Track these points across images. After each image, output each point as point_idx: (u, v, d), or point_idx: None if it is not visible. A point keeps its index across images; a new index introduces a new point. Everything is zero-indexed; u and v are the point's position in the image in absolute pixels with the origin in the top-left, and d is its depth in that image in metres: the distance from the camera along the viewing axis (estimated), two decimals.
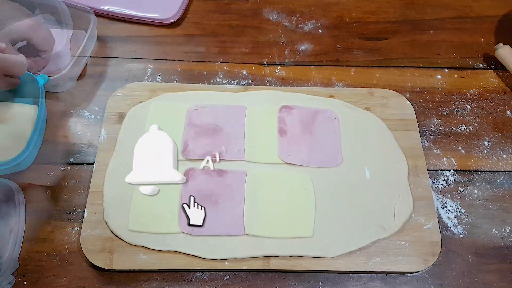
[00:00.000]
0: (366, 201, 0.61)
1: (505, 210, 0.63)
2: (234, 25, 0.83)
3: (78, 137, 0.68)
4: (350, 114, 0.69)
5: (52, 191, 0.63)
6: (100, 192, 0.61)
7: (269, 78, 0.76)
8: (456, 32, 0.83)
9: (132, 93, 0.71)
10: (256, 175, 0.63)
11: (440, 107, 0.73)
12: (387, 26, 0.84)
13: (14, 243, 0.57)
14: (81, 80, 0.75)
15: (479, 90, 0.75)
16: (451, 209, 0.63)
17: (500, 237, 0.61)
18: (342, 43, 0.81)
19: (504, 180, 0.66)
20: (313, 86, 0.75)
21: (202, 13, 0.85)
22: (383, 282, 0.57)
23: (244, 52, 0.79)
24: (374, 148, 0.65)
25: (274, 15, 0.85)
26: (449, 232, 0.61)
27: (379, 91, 0.73)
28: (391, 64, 0.78)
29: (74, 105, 0.71)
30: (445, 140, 0.69)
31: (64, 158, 0.66)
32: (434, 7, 0.87)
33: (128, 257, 0.57)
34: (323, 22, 0.84)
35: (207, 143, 0.65)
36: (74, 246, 0.59)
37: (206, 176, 0.63)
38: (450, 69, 0.78)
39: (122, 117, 0.68)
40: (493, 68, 0.78)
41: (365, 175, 0.63)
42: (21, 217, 0.59)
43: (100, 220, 0.59)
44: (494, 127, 0.71)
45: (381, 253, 0.58)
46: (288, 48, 0.80)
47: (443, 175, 0.66)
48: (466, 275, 0.58)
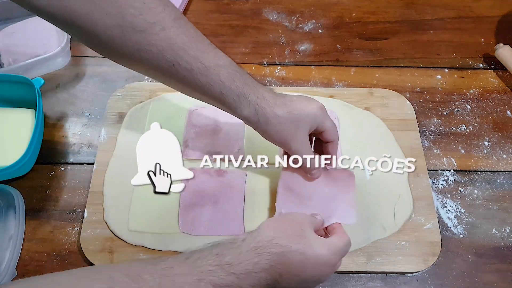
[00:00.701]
0: (366, 201, 0.61)
1: (505, 210, 0.63)
2: (234, 25, 0.83)
3: (78, 137, 0.68)
4: (350, 114, 0.69)
5: (52, 191, 0.63)
6: (100, 192, 0.61)
7: (269, 78, 0.76)
8: (456, 32, 0.83)
9: (132, 93, 0.71)
10: (256, 175, 0.63)
11: (440, 107, 0.73)
12: (387, 26, 0.84)
13: (12, 251, 0.56)
14: (81, 80, 0.75)
15: (479, 90, 0.75)
16: (451, 209, 0.63)
17: (500, 237, 0.61)
18: (342, 43, 0.81)
19: (504, 180, 0.66)
20: (313, 86, 0.75)
21: (202, 13, 0.85)
22: (383, 282, 0.57)
23: (244, 52, 0.79)
24: (374, 148, 0.65)
25: (274, 15, 0.85)
26: (449, 232, 0.61)
27: (379, 91, 0.73)
28: (391, 64, 0.78)
29: (74, 105, 0.71)
30: (445, 140, 0.69)
31: (64, 158, 0.66)
32: (434, 7, 0.87)
33: (128, 257, 0.57)
34: (323, 22, 0.84)
35: (207, 143, 0.66)
36: (74, 246, 0.59)
37: (206, 176, 0.63)
38: (450, 69, 0.78)
39: (122, 117, 0.68)
40: (493, 68, 0.78)
41: (365, 175, 0.63)
42: (20, 224, 0.59)
43: (100, 220, 0.59)
44: (494, 127, 0.71)
45: (381, 253, 0.58)
46: (288, 48, 0.80)
47: (443, 175, 0.66)
48: (466, 275, 0.58)
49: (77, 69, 0.76)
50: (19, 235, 0.58)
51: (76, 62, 0.77)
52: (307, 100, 0.53)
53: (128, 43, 0.46)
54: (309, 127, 0.52)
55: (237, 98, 0.49)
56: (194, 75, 0.48)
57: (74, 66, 0.76)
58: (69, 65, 0.76)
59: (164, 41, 0.46)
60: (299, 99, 0.52)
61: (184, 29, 0.47)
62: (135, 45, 0.46)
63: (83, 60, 0.77)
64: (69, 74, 0.75)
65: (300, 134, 0.52)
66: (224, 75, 0.48)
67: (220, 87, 0.49)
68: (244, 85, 0.49)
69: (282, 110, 0.50)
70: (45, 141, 0.67)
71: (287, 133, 0.51)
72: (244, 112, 0.50)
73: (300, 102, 0.51)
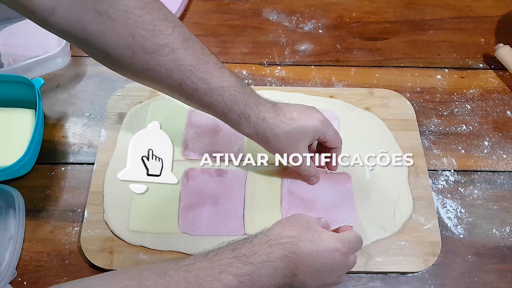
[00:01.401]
0: (366, 201, 0.61)
1: (505, 210, 0.63)
2: (234, 25, 0.83)
3: (78, 137, 0.68)
4: (350, 114, 0.69)
5: (52, 191, 0.63)
6: (100, 192, 0.61)
7: (269, 78, 0.76)
8: (456, 32, 0.83)
9: (132, 93, 0.71)
10: (256, 175, 0.63)
11: (440, 107, 0.73)
12: (387, 26, 0.84)
13: (12, 251, 0.56)
14: (81, 80, 0.75)
15: (479, 90, 0.75)
16: (451, 209, 0.63)
17: (500, 237, 0.61)
18: (342, 43, 0.81)
19: (504, 180, 0.66)
20: (313, 86, 0.75)
21: (202, 13, 0.85)
22: (383, 282, 0.57)
23: (244, 52, 0.79)
24: (374, 148, 0.65)
25: (274, 15, 0.85)
26: (449, 232, 0.61)
27: (379, 91, 0.73)
28: (391, 64, 0.78)
29: (74, 105, 0.71)
30: (445, 140, 0.69)
31: (64, 158, 0.66)
32: (434, 7, 0.87)
33: (128, 257, 0.57)
34: (323, 22, 0.84)
35: (207, 143, 0.66)
36: (74, 246, 0.59)
37: (206, 176, 0.63)
38: (450, 69, 0.78)
39: (122, 117, 0.68)
40: (493, 68, 0.78)
41: (365, 175, 0.63)
42: (20, 225, 0.59)
43: (100, 220, 0.59)
44: (494, 127, 0.71)
45: (381, 253, 0.58)
46: (288, 48, 0.80)
47: (443, 175, 0.66)
48: (466, 275, 0.58)
49: (77, 69, 0.76)
50: (19, 235, 0.58)
51: (76, 62, 0.77)
52: (308, 115, 0.55)
53: (138, 62, 0.48)
54: (309, 141, 0.56)
55: (238, 118, 0.53)
56: (199, 95, 0.51)
57: (74, 66, 0.76)
58: (69, 65, 0.76)
59: (173, 62, 0.48)
60: (300, 115, 0.54)
61: (192, 50, 0.50)
62: (145, 65, 0.48)
63: (83, 60, 0.77)
64: (69, 74, 0.75)
65: (299, 149, 0.56)
66: (227, 97, 0.51)
67: (223, 107, 0.52)
68: (245, 106, 0.52)
69: (281, 130, 0.53)
70: (45, 141, 0.67)
71: (286, 149, 0.55)
72: (246, 130, 0.54)
73: (300, 119, 0.54)
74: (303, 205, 0.60)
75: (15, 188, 0.61)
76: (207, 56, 0.51)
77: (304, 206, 0.60)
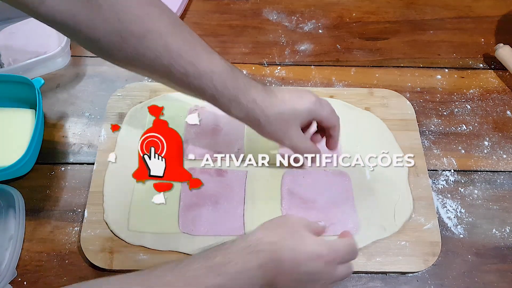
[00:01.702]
0: (366, 201, 0.61)
1: (505, 210, 0.63)
2: (234, 25, 0.83)
3: (78, 137, 0.68)
4: (350, 114, 0.69)
5: (52, 191, 0.63)
6: (100, 192, 0.61)
7: (269, 78, 0.76)
8: (456, 32, 0.83)
9: (132, 93, 0.71)
10: (256, 175, 0.63)
11: (440, 107, 0.73)
12: (387, 26, 0.84)
13: (12, 251, 0.56)
14: (81, 80, 0.75)
15: (479, 90, 0.75)
16: (451, 209, 0.63)
17: (500, 237, 0.61)
18: (342, 43, 0.81)
19: (504, 180, 0.66)
20: (313, 86, 0.75)
21: (202, 13, 0.85)
22: (383, 282, 0.57)
23: (244, 52, 0.79)
24: (374, 148, 0.65)
25: (274, 15, 0.85)
26: (449, 232, 0.61)
27: (379, 91, 0.73)
28: (391, 64, 0.78)
29: (74, 105, 0.71)
30: (445, 140, 0.69)
31: (64, 158, 0.66)
32: (434, 7, 0.87)
33: (128, 257, 0.57)
34: (323, 22, 0.84)
35: (207, 143, 0.66)
36: (74, 246, 0.59)
37: (206, 176, 0.63)
38: (450, 69, 0.78)
39: (122, 117, 0.68)
40: (493, 68, 0.78)
41: (365, 175, 0.63)
42: (20, 225, 0.59)
43: (100, 220, 0.59)
44: (494, 127, 0.71)
45: (381, 253, 0.58)
46: (288, 48, 0.80)
47: (443, 175, 0.66)
48: (466, 275, 0.58)
49: (77, 69, 0.76)
50: (19, 235, 0.58)
51: (76, 62, 0.77)
52: (299, 96, 0.54)
53: (127, 49, 0.47)
54: (301, 122, 0.55)
55: (228, 102, 0.52)
56: (189, 79, 0.50)
57: (74, 66, 0.76)
58: (69, 65, 0.76)
59: (161, 47, 0.48)
60: (291, 97, 0.54)
61: (180, 34, 0.49)
62: (134, 51, 0.48)
63: (83, 60, 0.77)
64: (69, 74, 0.75)
65: (292, 131, 0.54)
66: (217, 80, 0.50)
67: (213, 91, 0.51)
68: (236, 89, 0.51)
69: (272, 112, 0.52)
70: (45, 141, 0.67)
71: (279, 132, 0.54)
72: (236, 113, 0.53)
73: (291, 100, 0.53)
74: (303, 205, 0.60)
75: (15, 188, 0.61)
76: (196, 40, 0.50)
77: (304, 206, 0.60)
